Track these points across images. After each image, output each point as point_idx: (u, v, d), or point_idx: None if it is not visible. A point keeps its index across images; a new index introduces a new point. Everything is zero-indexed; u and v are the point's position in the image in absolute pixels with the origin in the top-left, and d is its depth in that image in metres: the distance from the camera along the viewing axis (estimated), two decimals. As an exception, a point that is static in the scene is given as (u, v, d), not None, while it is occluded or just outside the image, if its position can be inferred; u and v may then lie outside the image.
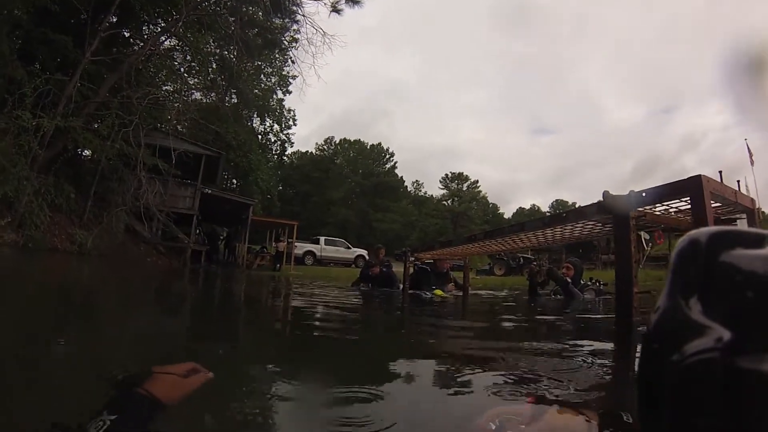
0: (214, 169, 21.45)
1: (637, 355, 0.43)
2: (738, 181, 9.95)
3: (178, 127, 18.90)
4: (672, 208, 3.82)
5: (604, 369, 2.80)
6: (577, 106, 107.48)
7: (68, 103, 12.91)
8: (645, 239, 19.19)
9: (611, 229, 4.42)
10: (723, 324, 0.36)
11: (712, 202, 3.23)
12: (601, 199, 3.98)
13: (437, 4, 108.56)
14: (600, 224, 5.34)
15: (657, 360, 0.40)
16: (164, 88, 18.02)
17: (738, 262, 0.38)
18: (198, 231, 21.50)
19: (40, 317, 3.79)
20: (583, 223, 5.30)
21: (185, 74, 18.97)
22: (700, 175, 2.96)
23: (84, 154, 16.17)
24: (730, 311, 0.36)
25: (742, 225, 3.78)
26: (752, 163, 17.29)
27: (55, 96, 12.85)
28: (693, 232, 0.43)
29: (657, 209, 3.94)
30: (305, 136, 78.14)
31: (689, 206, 3.31)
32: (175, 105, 17.50)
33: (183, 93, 18.36)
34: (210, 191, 20.03)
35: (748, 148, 17.20)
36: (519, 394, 2.05)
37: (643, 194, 3.49)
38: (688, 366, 0.36)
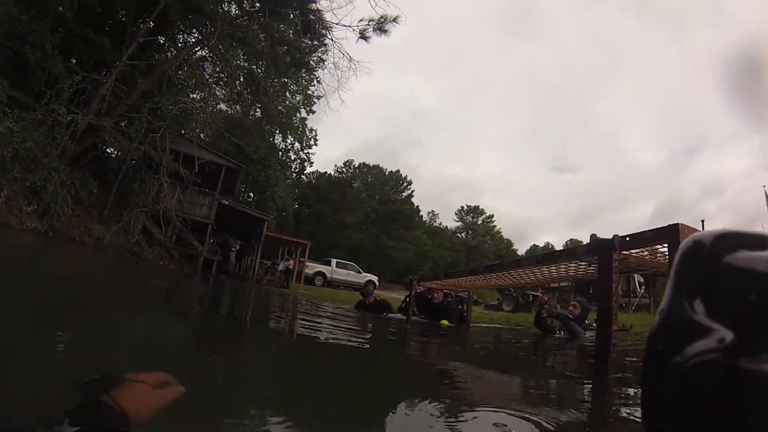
0: (233, 181, 21.82)
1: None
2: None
3: (202, 135, 19.40)
4: (659, 252, 4.01)
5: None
6: (601, 146, 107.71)
7: (101, 102, 13.45)
8: (639, 282, 18.69)
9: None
10: (726, 325, 0.36)
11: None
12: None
13: (468, 35, 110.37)
14: (594, 265, 5.48)
15: (660, 361, 0.41)
16: (192, 96, 18.57)
17: (742, 264, 0.38)
18: (212, 240, 21.68)
19: (47, 305, 3.90)
20: (576, 263, 5.48)
21: (213, 85, 19.58)
22: (677, 224, 3.24)
23: (109, 152, 16.66)
24: (733, 313, 0.37)
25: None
26: (769, 209, 16.89)
27: (90, 94, 13.40)
28: (696, 234, 0.44)
29: (644, 253, 4.24)
30: (335, 158, 78.24)
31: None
32: (201, 115, 18.06)
33: (210, 103, 18.95)
34: (227, 202, 20.24)
35: (766, 194, 16.95)
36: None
37: (627, 238, 3.79)
38: (691, 367, 0.37)
